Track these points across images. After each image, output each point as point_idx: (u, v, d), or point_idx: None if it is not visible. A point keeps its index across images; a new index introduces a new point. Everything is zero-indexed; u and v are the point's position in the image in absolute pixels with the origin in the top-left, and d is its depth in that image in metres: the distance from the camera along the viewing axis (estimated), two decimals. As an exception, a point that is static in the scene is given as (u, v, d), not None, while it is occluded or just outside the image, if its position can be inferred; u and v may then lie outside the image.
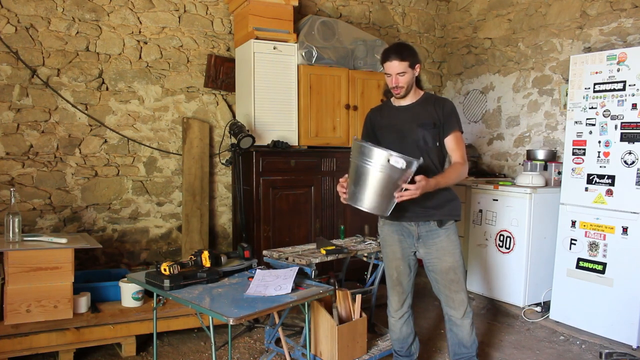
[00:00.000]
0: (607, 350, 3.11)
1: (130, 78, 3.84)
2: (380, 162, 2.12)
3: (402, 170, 2.11)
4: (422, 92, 2.53)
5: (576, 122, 3.50)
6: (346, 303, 2.73)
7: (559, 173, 3.90)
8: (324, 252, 2.75)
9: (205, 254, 2.47)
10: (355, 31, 4.26)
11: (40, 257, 2.74)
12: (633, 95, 3.18)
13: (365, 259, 3.09)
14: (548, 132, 4.40)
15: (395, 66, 2.37)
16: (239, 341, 3.27)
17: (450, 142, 2.45)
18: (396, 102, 2.54)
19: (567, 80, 3.67)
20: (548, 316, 3.68)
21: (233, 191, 4.17)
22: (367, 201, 2.20)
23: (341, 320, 2.64)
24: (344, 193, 2.31)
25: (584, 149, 3.45)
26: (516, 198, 3.84)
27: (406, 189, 2.16)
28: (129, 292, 3.03)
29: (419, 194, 2.19)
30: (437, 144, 2.44)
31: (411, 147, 2.41)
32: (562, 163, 3.79)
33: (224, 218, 4.27)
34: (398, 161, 2.10)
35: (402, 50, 2.40)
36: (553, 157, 4.14)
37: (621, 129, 3.24)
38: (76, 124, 3.67)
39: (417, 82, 2.51)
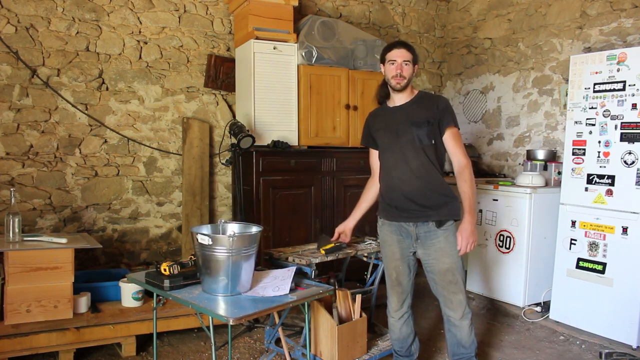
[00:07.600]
0: (607, 350, 3.11)
1: (130, 78, 3.84)
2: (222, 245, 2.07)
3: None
4: (416, 92, 2.54)
5: (576, 122, 3.50)
6: (346, 303, 2.72)
7: (559, 173, 3.90)
8: (323, 252, 2.75)
9: (205, 254, 2.47)
10: (355, 31, 4.25)
11: (40, 257, 2.74)
12: (633, 95, 3.18)
13: (365, 259, 3.09)
14: (548, 132, 4.40)
15: (402, 53, 2.43)
16: (239, 341, 3.27)
17: (449, 140, 2.45)
18: (390, 103, 2.54)
19: (567, 80, 3.67)
20: (548, 316, 3.68)
21: (233, 191, 4.17)
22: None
23: (341, 320, 2.64)
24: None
25: (584, 149, 3.45)
26: (516, 198, 3.84)
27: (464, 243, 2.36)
28: (129, 292, 3.03)
29: (474, 239, 2.38)
30: (433, 142, 2.43)
31: (406, 146, 2.42)
32: (562, 163, 3.79)
33: (224, 218, 4.26)
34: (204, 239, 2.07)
35: (408, 44, 2.49)
36: (553, 157, 4.14)
37: (621, 129, 3.24)
38: (76, 124, 3.67)
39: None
